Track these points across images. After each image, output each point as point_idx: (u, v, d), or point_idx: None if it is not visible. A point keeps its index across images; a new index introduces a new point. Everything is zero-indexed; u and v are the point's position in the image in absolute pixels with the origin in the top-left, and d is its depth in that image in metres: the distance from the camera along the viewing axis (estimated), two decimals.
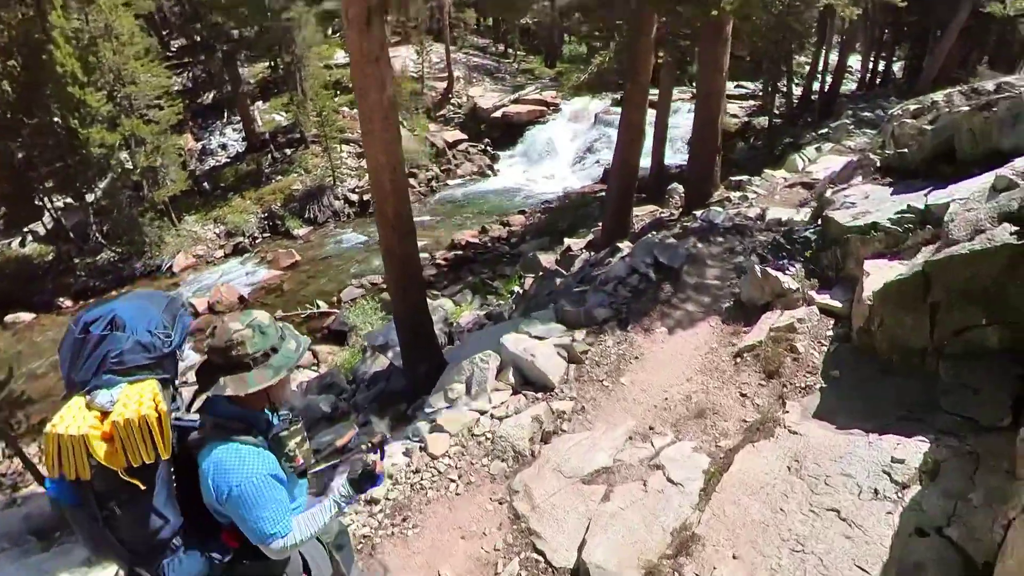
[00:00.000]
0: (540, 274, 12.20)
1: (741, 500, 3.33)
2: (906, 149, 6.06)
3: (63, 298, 17.20)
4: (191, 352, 11.45)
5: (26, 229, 19.53)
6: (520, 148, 24.26)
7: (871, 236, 4.87)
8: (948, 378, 3.54)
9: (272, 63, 22.43)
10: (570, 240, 13.89)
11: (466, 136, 24.62)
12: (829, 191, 6.77)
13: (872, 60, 23.72)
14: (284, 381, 1.98)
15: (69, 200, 19.21)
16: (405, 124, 24.10)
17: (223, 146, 22.86)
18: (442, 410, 4.89)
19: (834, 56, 21.79)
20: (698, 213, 9.05)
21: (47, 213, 19.22)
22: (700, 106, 10.25)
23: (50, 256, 18.76)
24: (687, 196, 11.70)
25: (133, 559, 1.84)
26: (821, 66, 21.01)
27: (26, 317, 17.01)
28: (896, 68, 24.81)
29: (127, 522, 1.78)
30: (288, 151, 22.27)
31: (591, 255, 11.45)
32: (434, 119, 25.29)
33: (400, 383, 8.85)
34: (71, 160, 17.67)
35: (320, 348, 13.67)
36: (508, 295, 12.98)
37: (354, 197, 21.02)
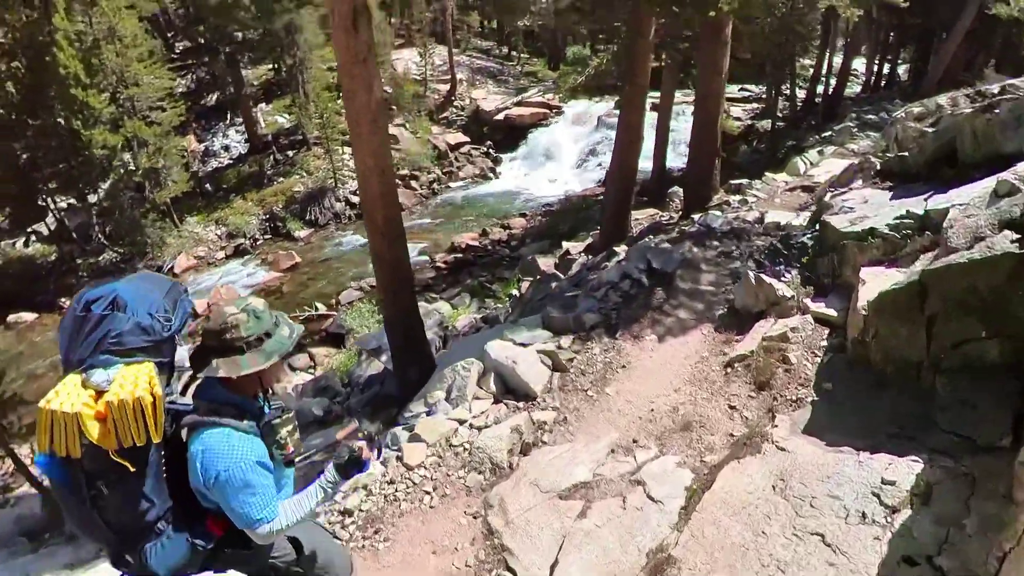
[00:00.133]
0: (537, 278, 12.06)
1: (722, 521, 3.15)
2: (907, 152, 5.87)
3: (65, 298, 17.18)
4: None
5: (29, 229, 19.68)
6: (522, 151, 24.17)
7: (868, 243, 4.68)
8: (945, 393, 3.35)
9: (275, 65, 22.47)
10: (569, 244, 13.74)
11: (468, 139, 24.57)
12: (828, 195, 6.58)
13: (877, 63, 23.46)
14: (276, 367, 1.99)
15: (72, 201, 19.30)
16: (407, 127, 24.06)
17: (226, 148, 22.90)
18: (421, 417, 4.74)
19: (838, 59, 21.56)
20: (696, 217, 8.87)
21: (50, 214, 19.31)
22: (698, 108, 10.09)
23: (53, 256, 18.88)
24: (686, 199, 11.54)
25: (118, 541, 1.84)
26: (825, 69, 20.78)
27: (28, 317, 17.11)
28: (901, 71, 24.54)
29: (114, 503, 1.77)
30: (290, 153, 22.29)
31: (588, 259, 11.29)
32: (436, 121, 25.23)
33: (393, 387, 8.74)
34: (74, 161, 17.76)
35: (317, 351, 13.56)
36: (506, 299, 12.85)
37: (355, 199, 20.98)
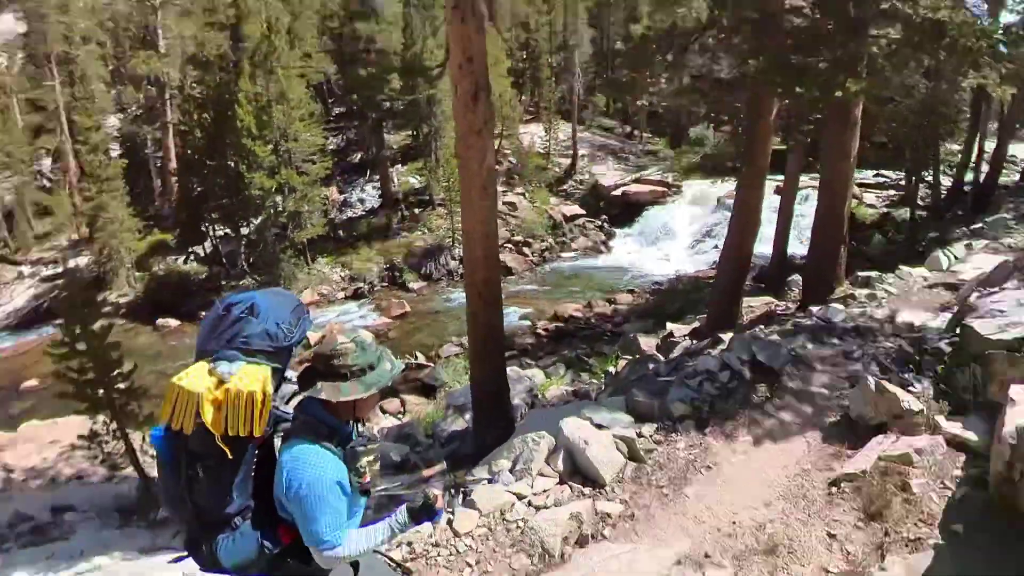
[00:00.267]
0: (636, 357, 11.60)
1: None
2: None
3: (205, 312, 19.36)
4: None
5: (191, 250, 23.00)
6: (637, 227, 24.00)
7: (1021, 355, 3.92)
8: None
9: (414, 132, 24.58)
10: (674, 325, 13.13)
11: (584, 211, 24.95)
12: (974, 295, 5.71)
13: None
14: (373, 398, 2.09)
15: (227, 231, 22.32)
16: (527, 195, 24.95)
17: (361, 200, 25.16)
18: (482, 484, 4.52)
19: (992, 143, 19.25)
20: (815, 309, 8.08)
21: (209, 239, 22.56)
22: (824, 193, 9.40)
23: (204, 275, 21.64)
24: (805, 290, 10.63)
25: (198, 524, 1.98)
26: (975, 154, 18.59)
27: (173, 323, 19.73)
28: None
29: (205, 487, 1.93)
30: (416, 211, 23.96)
31: (692, 343, 10.68)
32: (555, 193, 25.97)
33: (470, 447, 8.61)
34: (235, 198, 20.57)
35: (409, 398, 13.88)
36: (602, 375, 12.46)
37: None
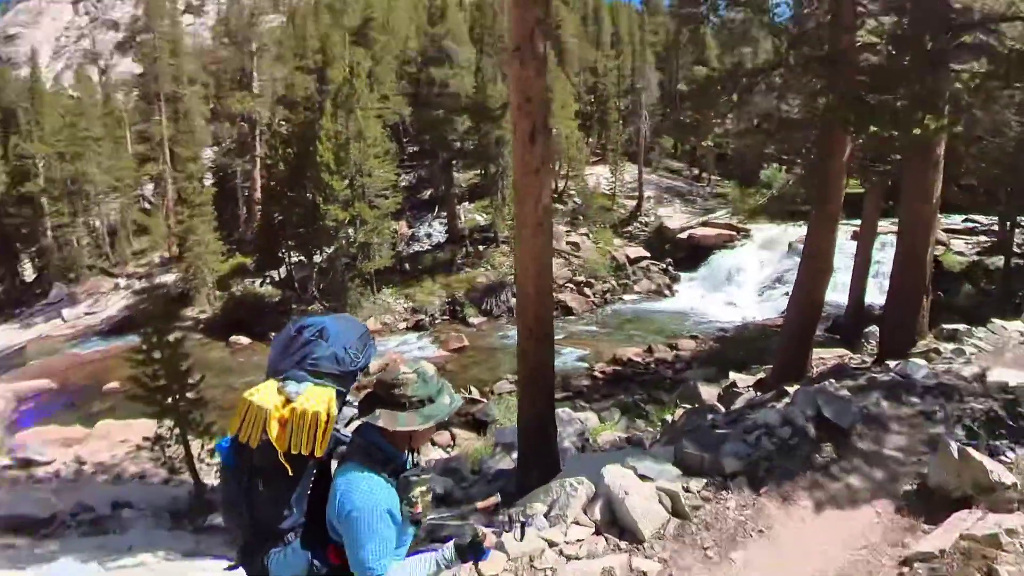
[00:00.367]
0: (695, 406, 11.06)
1: None
2: None
3: (274, 333, 20.27)
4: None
5: (267, 274, 24.57)
6: (703, 271, 23.39)
7: None
8: None
9: (482, 171, 25.27)
10: (737, 375, 12.48)
11: (648, 254, 24.60)
12: None
13: None
14: (429, 430, 2.10)
15: (301, 258, 23.69)
16: (590, 236, 24.87)
17: (428, 235, 25.97)
18: (515, 526, 4.31)
19: None
20: (892, 364, 7.42)
21: (284, 265, 23.99)
22: (903, 238, 8.72)
23: (277, 298, 22.99)
24: (882, 342, 9.83)
25: (253, 535, 2.04)
26: None
27: (244, 341, 20.92)
28: None
29: (262, 500, 2.00)
30: (481, 247, 24.43)
31: (756, 395, 10.08)
32: (620, 234, 25.83)
33: (514, 486, 8.39)
34: (310, 228, 21.80)
35: (460, 432, 13.82)
36: (658, 423, 11.97)
37: None
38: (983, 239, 19.72)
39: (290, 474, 1.97)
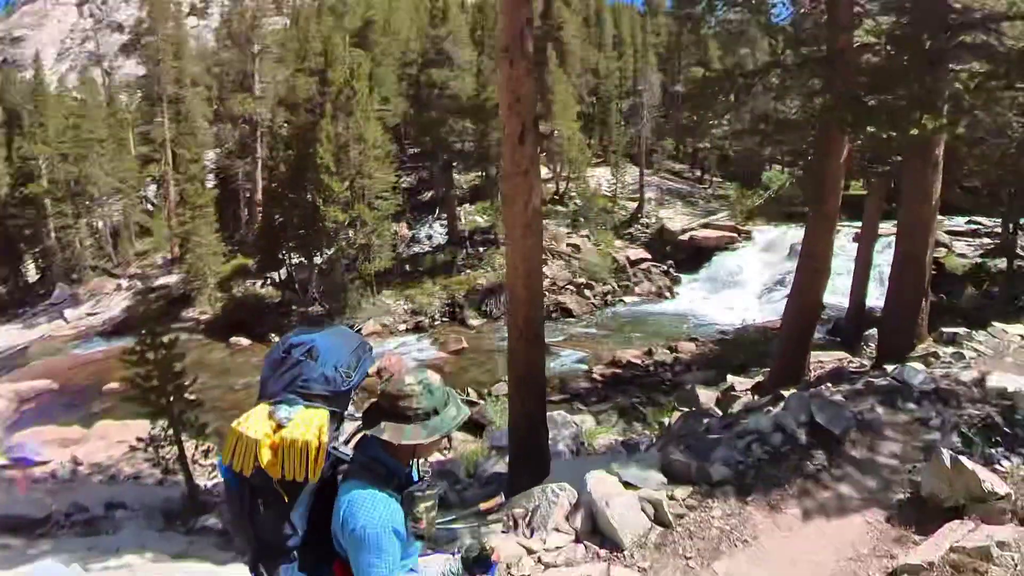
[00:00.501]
0: (692, 410, 10.95)
1: None
2: None
3: (274, 334, 20.47)
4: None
5: (267, 275, 24.49)
6: (704, 273, 23.26)
7: None
8: None
9: (482, 172, 25.19)
10: (736, 378, 12.34)
11: (649, 256, 24.48)
12: None
13: None
14: (434, 443, 2.05)
15: (302, 260, 23.62)
16: (591, 238, 24.77)
17: (429, 237, 25.91)
18: (494, 532, 4.24)
19: None
20: (890, 368, 7.29)
21: (284, 267, 23.89)
22: (902, 239, 8.58)
23: (277, 299, 23.00)
24: (880, 345, 9.69)
25: (260, 553, 2.02)
26: None
27: (244, 342, 20.84)
28: None
29: (265, 520, 1.97)
30: (481, 249, 24.34)
31: (753, 399, 9.97)
32: (620, 236, 25.72)
33: (506, 490, 8.31)
34: (310, 230, 21.74)
35: (457, 435, 13.67)
36: (656, 426, 11.87)
37: None
38: (986, 241, 19.53)
39: (286, 500, 1.94)
